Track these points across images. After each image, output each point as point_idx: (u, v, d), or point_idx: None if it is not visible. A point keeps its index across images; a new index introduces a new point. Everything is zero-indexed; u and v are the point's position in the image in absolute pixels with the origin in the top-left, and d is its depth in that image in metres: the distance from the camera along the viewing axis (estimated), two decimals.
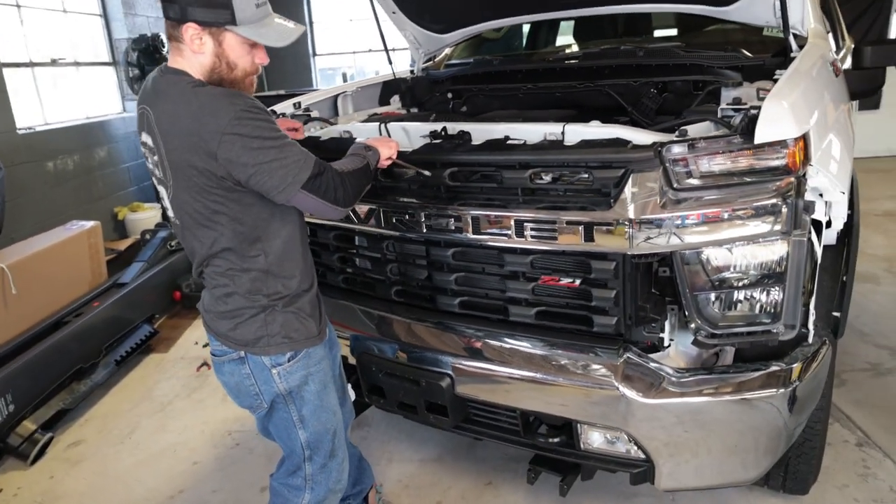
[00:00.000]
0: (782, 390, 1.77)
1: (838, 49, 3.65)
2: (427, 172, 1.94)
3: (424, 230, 2.00)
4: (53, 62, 5.63)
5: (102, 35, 6.38)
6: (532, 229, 1.82)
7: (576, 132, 1.95)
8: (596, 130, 1.91)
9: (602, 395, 1.81)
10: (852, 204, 2.18)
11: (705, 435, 1.81)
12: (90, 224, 4.42)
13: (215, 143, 1.56)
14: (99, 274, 4.46)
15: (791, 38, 2.46)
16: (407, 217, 2.02)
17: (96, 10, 6.28)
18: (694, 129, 1.97)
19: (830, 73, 2.53)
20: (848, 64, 3.18)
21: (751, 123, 1.69)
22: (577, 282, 1.87)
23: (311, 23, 9.60)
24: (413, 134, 2.23)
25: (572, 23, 4.20)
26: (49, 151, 5.27)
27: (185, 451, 3.13)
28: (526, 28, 4.26)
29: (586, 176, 1.76)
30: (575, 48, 3.97)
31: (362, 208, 2.15)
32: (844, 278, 2.03)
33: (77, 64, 5.98)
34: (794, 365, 1.82)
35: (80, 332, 3.72)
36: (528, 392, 1.93)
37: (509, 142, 1.91)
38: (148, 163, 1.78)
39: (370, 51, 9.72)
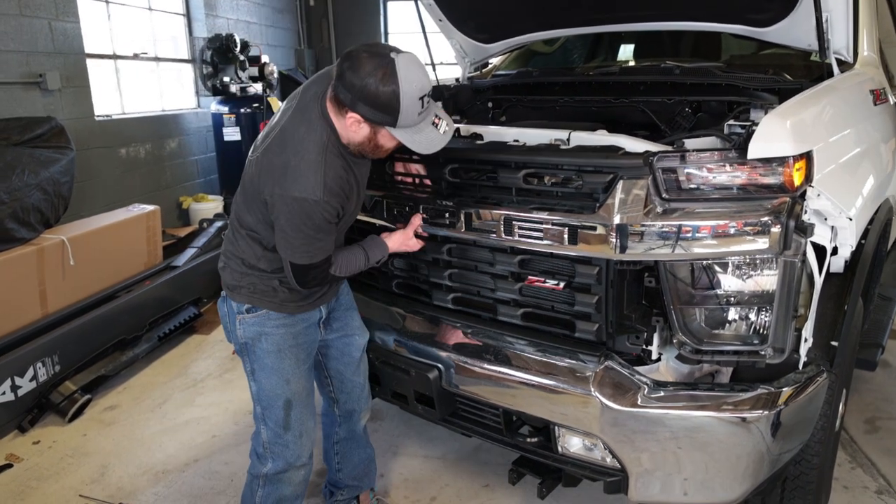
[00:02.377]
0: (765, 413, 1.72)
1: None
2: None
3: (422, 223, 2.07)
4: (136, 56, 6.02)
5: (184, 33, 6.77)
6: (521, 229, 1.85)
7: (580, 139, 1.99)
8: (598, 138, 1.93)
9: (578, 399, 1.81)
10: (867, 234, 2.10)
11: (682, 450, 1.78)
12: (150, 208, 4.70)
13: (277, 193, 1.76)
14: (155, 255, 4.73)
15: (834, 63, 2.40)
16: (407, 210, 2.10)
17: (180, 9, 6.69)
18: (698, 143, 1.96)
19: (868, 101, 2.45)
20: None
21: (748, 139, 1.68)
22: (562, 285, 1.89)
23: (386, 34, 9.87)
24: None
25: (632, 45, 4.21)
26: (123, 139, 5.63)
27: (207, 425, 3.29)
28: (580, 45, 4.28)
29: (577, 180, 1.79)
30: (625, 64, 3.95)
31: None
32: (846, 308, 1.95)
33: (157, 59, 6.37)
34: (782, 390, 1.77)
35: (128, 307, 3.98)
36: (510, 391, 1.95)
37: (509, 143, 1.96)
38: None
39: (441, 63, 9.90)
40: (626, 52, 4.25)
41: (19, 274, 3.55)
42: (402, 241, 2.07)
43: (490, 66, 3.84)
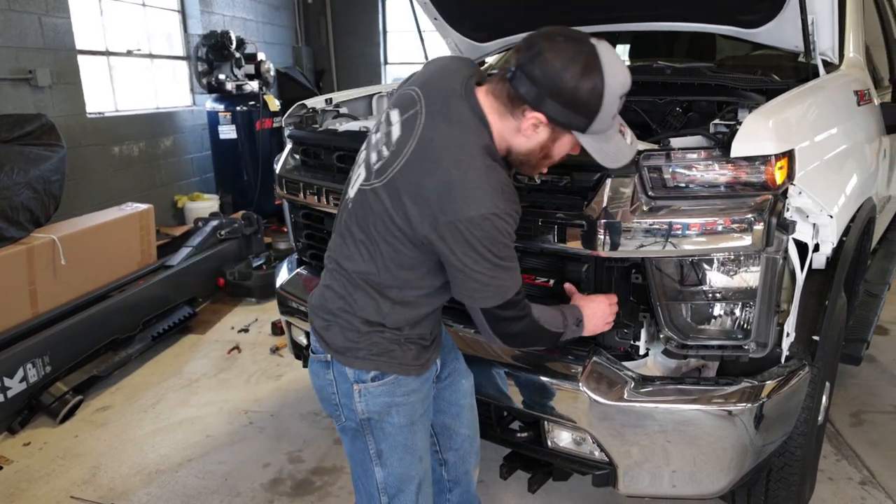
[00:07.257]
0: (748, 406, 1.76)
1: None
2: None
3: None
4: (129, 53, 6.00)
5: (179, 30, 6.75)
6: None
7: None
8: None
9: (567, 394, 1.84)
10: (849, 231, 2.14)
11: (666, 443, 1.81)
12: (143, 207, 4.71)
13: (443, 222, 1.41)
14: (148, 255, 4.74)
15: (819, 64, 2.44)
16: None
17: (175, 5, 6.66)
18: (685, 142, 1.99)
19: (852, 102, 2.49)
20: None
21: (732, 138, 1.71)
22: (551, 282, 1.92)
23: (384, 32, 9.86)
24: None
25: (627, 46, 4.26)
26: (116, 136, 5.61)
27: (201, 425, 3.30)
28: None
29: (566, 177, 1.82)
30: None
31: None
32: (827, 303, 1.99)
33: (151, 56, 6.35)
34: (765, 383, 1.81)
35: (122, 306, 3.98)
36: (499, 385, 1.98)
37: None
38: (372, 131, 1.64)
39: None
40: (620, 52, 4.29)
41: (8, 273, 3.54)
42: (605, 309, 1.73)
43: (486, 65, 3.86)
